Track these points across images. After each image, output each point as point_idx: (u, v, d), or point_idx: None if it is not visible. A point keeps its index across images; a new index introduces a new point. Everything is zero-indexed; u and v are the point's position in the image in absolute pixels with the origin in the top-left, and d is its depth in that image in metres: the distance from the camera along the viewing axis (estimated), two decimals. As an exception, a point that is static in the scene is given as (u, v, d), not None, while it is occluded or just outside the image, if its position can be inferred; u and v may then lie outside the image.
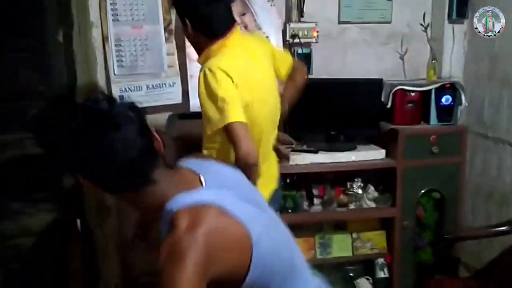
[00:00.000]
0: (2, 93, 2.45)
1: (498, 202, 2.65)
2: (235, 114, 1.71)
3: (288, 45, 2.66)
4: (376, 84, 2.57)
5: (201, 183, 1.12)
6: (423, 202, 2.66)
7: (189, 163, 1.19)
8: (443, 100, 2.58)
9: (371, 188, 2.61)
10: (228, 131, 1.71)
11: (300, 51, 2.63)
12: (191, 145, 2.34)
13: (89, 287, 2.76)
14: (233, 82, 1.75)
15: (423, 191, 2.62)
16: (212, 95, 1.74)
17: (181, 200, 1.06)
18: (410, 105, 2.58)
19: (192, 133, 2.40)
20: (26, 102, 2.54)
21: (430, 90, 2.57)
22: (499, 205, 2.64)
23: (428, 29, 2.84)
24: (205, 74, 1.75)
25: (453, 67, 2.83)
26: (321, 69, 2.72)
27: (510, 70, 2.51)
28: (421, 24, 2.81)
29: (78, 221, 2.70)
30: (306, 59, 2.64)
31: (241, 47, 1.88)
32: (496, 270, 2.61)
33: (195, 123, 2.41)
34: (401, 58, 2.87)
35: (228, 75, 1.74)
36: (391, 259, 2.67)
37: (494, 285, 2.12)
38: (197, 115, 2.45)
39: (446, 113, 2.60)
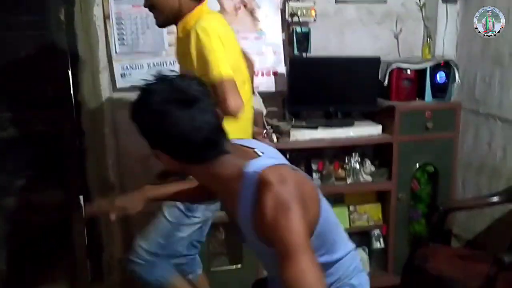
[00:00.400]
0: (5, 71, 2.46)
1: (488, 176, 2.77)
2: (227, 72, 1.80)
3: (287, 24, 2.71)
4: (373, 62, 2.64)
5: (258, 154, 1.22)
6: (418, 176, 2.76)
7: (236, 141, 1.28)
8: (437, 77, 2.67)
9: (368, 163, 2.70)
10: (219, 87, 1.77)
11: (298, 30, 2.69)
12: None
13: (93, 262, 2.82)
14: (222, 44, 1.83)
15: (418, 165, 2.72)
16: (204, 54, 1.80)
17: (258, 164, 1.16)
18: (406, 82, 2.67)
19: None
20: (29, 81, 2.56)
21: (425, 68, 2.65)
22: (489, 178, 2.76)
23: (423, 9, 2.91)
24: (197, 34, 1.80)
25: (446, 46, 2.91)
26: (319, 47, 2.79)
27: (502, 48, 2.61)
28: (417, 3, 2.88)
29: (81, 197, 2.75)
30: (305, 38, 2.70)
31: (217, 16, 2.00)
32: (487, 240, 2.74)
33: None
34: (396, 37, 2.95)
35: (219, 36, 1.82)
36: (386, 231, 2.78)
37: (487, 254, 2.23)
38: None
39: (440, 90, 2.69)
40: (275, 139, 2.50)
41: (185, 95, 1.11)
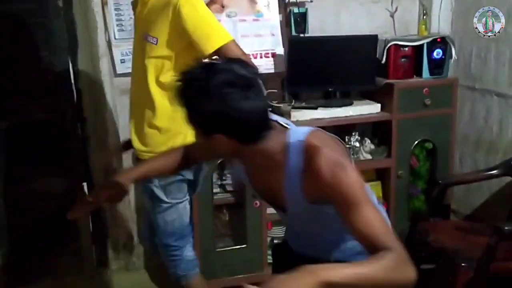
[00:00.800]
0: (5, 60, 2.47)
1: (485, 151, 2.82)
2: (227, 34, 1.89)
3: (284, 4, 2.72)
4: (370, 41, 2.67)
5: (284, 126, 1.29)
6: (417, 152, 2.80)
7: None
8: (434, 54, 2.69)
9: (368, 141, 2.74)
10: (229, 49, 1.84)
11: (296, 10, 2.70)
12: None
13: (98, 247, 2.85)
14: None
15: (416, 142, 2.76)
16: (207, 18, 1.87)
17: (297, 133, 1.25)
18: (403, 60, 2.69)
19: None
20: (29, 68, 2.56)
21: (422, 45, 2.68)
22: (486, 153, 2.81)
23: (417, -14, 2.94)
24: (191, 5, 1.83)
25: (441, 23, 2.94)
26: (316, 28, 2.80)
27: (497, 23, 2.64)
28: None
29: (85, 184, 2.77)
30: (302, 18, 2.72)
31: None
32: (486, 213, 2.79)
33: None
34: (392, 15, 2.97)
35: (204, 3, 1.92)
36: (387, 207, 2.83)
37: (486, 226, 2.28)
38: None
39: (437, 67, 2.72)
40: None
41: (244, 79, 1.15)
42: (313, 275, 1.01)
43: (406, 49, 2.68)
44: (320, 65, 2.66)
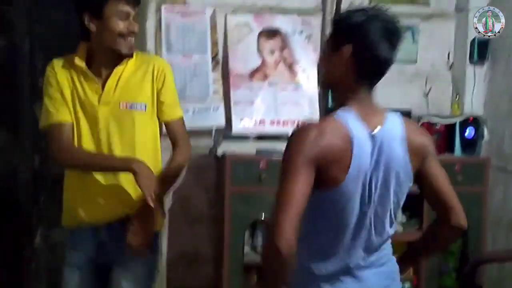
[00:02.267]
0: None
1: (518, 233, 2.80)
2: None
3: (322, 78, 2.89)
4: (405, 115, 2.77)
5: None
6: (448, 228, 2.80)
7: None
8: (466, 132, 2.79)
9: (399, 213, 2.76)
10: (181, 123, 1.90)
11: (334, 84, 2.86)
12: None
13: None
14: None
15: (448, 217, 2.76)
16: (174, 89, 1.91)
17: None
18: (435, 136, 2.78)
19: (235, 152, 2.61)
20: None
21: (454, 124, 2.78)
22: (520, 236, 2.79)
23: (451, 69, 3.08)
24: (169, 70, 1.87)
25: (474, 104, 3.04)
26: (352, 101, 2.94)
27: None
28: (446, 63, 3.05)
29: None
30: (339, 91, 2.87)
31: None
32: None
33: (237, 144, 2.63)
34: (425, 95, 3.10)
35: None
36: (416, 284, 2.79)
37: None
38: (239, 137, 2.67)
39: (469, 145, 2.80)
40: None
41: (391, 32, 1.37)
42: None
43: (438, 126, 2.78)
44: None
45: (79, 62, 1.76)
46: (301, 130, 1.34)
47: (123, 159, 1.75)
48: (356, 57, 1.35)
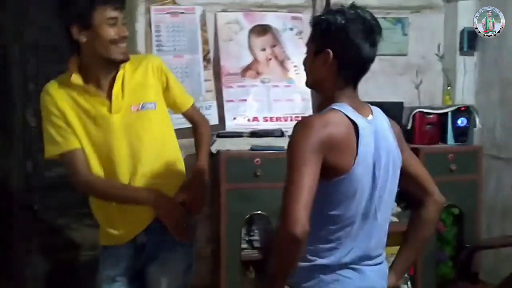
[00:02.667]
0: None
1: (513, 219, 2.83)
2: None
3: (314, 73, 2.91)
4: (396, 107, 2.81)
5: None
6: (443, 218, 2.83)
7: None
8: (459, 122, 2.81)
9: (394, 204, 2.79)
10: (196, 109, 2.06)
11: (325, 78, 2.88)
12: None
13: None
14: None
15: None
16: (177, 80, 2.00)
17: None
18: (428, 126, 2.81)
19: (230, 149, 2.62)
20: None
21: (446, 113, 2.80)
22: (514, 222, 2.82)
23: (442, 61, 3.11)
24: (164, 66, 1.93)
25: (465, 94, 3.07)
26: (345, 95, 2.96)
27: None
28: (437, 54, 3.08)
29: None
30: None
31: None
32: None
33: (231, 141, 2.64)
34: (416, 87, 3.12)
35: None
36: (414, 272, 2.81)
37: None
38: (233, 135, 2.67)
39: (462, 134, 2.82)
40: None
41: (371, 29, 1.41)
42: None
43: (431, 116, 2.81)
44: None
45: (76, 80, 1.71)
46: (306, 122, 1.38)
47: (141, 193, 1.77)
48: (338, 59, 1.38)
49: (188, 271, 1.89)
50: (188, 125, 2.04)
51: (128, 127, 1.75)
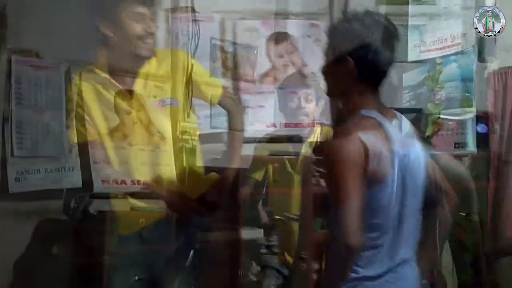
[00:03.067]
0: None
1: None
2: None
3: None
4: (415, 113, 2.81)
5: None
6: (463, 224, 2.81)
7: None
8: (478, 128, 2.79)
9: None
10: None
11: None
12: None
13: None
14: None
15: (463, 213, 2.77)
16: None
17: None
18: (448, 132, 2.80)
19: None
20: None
21: (466, 119, 2.79)
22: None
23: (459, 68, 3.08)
24: None
25: (483, 101, 3.05)
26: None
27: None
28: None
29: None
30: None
31: None
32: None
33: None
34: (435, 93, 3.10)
35: None
36: (432, 279, 2.78)
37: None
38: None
39: (481, 141, 2.80)
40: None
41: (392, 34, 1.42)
42: None
43: (450, 122, 2.80)
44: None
45: (101, 73, 1.77)
46: (346, 143, 1.37)
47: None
48: (359, 66, 1.40)
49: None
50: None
51: (151, 124, 1.80)
